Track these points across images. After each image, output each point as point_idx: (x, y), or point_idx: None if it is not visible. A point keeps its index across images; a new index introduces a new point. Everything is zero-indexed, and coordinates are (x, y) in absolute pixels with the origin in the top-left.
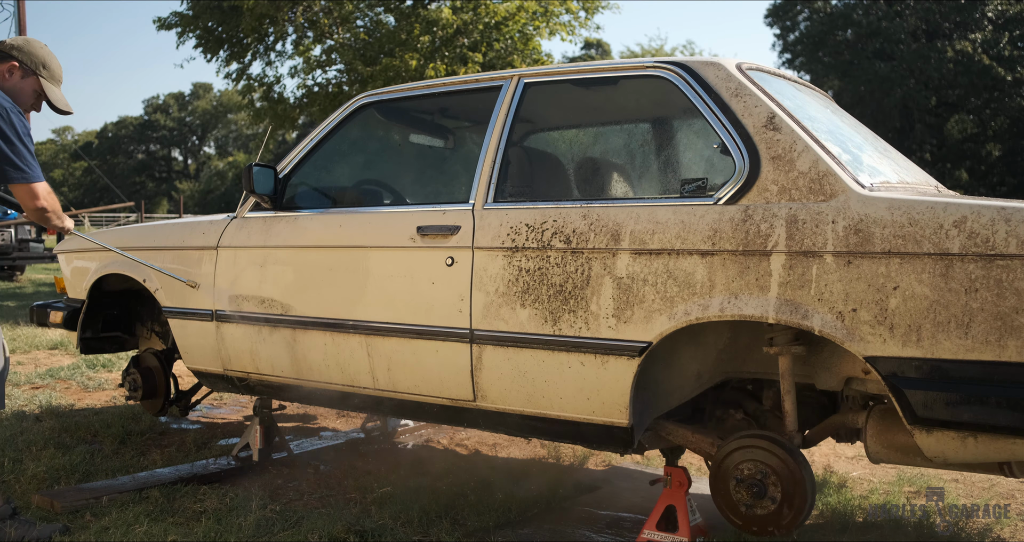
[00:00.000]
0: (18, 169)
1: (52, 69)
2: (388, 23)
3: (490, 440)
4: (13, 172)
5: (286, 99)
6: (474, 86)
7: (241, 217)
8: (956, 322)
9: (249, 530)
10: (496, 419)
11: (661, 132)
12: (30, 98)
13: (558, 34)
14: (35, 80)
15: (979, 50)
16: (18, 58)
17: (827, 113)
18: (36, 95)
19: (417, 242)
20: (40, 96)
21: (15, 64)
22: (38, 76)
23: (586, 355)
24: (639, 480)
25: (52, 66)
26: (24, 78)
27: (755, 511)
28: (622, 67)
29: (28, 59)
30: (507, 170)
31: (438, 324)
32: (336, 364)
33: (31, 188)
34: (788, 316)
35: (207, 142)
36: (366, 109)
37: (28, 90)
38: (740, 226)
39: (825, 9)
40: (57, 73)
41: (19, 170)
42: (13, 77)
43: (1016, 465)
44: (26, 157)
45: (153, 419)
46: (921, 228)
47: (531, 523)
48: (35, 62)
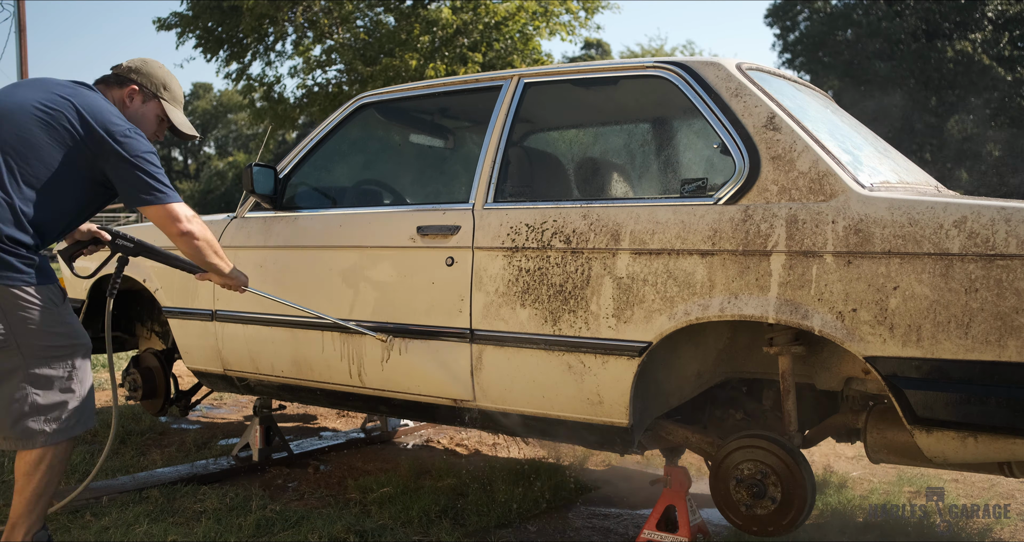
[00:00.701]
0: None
1: (173, 90)
2: (388, 23)
3: (490, 440)
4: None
5: (286, 99)
6: (474, 86)
7: (241, 217)
8: (956, 322)
9: (249, 530)
10: (496, 419)
11: (661, 132)
12: (153, 124)
13: (558, 34)
14: (157, 104)
15: (979, 50)
16: (138, 81)
17: (827, 113)
18: (159, 120)
19: (417, 242)
20: (163, 121)
21: (135, 88)
22: (159, 99)
23: (586, 355)
24: (639, 480)
25: (173, 87)
26: (145, 102)
27: (755, 511)
28: (622, 67)
29: (148, 81)
30: (507, 170)
31: (438, 324)
32: (336, 364)
33: (159, 210)
34: (788, 316)
35: (207, 142)
36: (366, 109)
37: (151, 115)
38: (740, 226)
39: (825, 9)
40: (178, 94)
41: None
42: (135, 102)
43: (1016, 465)
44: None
45: (153, 419)
46: (921, 228)
47: (531, 523)
48: (156, 84)
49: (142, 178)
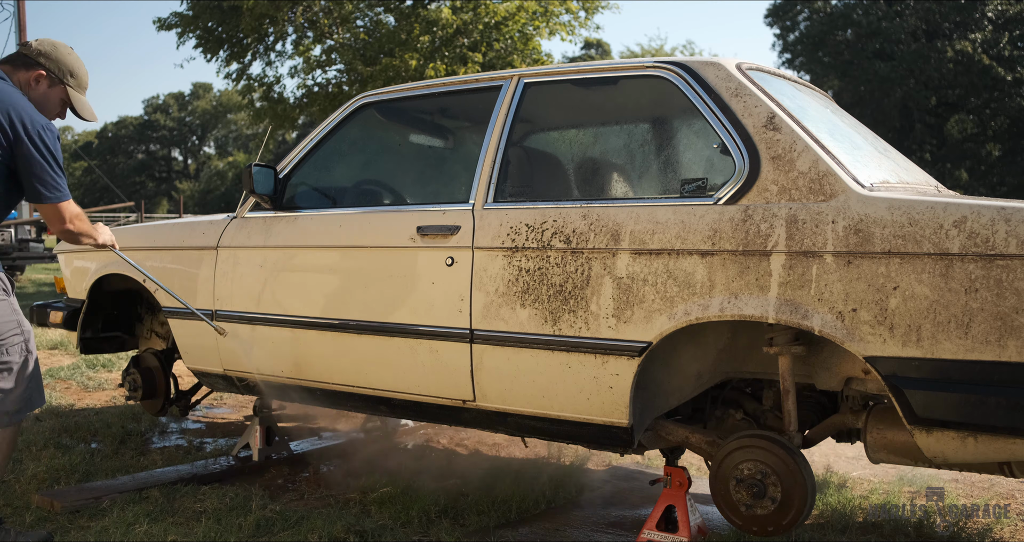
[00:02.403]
0: (50, 189)
1: (79, 77)
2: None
3: (490, 440)
4: (45, 191)
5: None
6: (474, 86)
7: (241, 217)
8: (956, 322)
9: (249, 530)
10: (496, 419)
11: (661, 132)
12: (56, 108)
13: (558, 34)
14: (62, 89)
15: (979, 50)
16: (45, 66)
17: (827, 113)
18: (62, 104)
19: (417, 242)
20: (65, 104)
21: (42, 73)
22: (65, 86)
23: (586, 355)
24: (639, 480)
25: (79, 73)
26: (51, 87)
27: (755, 511)
28: (622, 67)
29: (56, 67)
30: (507, 170)
31: (438, 324)
32: (336, 364)
33: (58, 209)
34: (788, 316)
35: (207, 142)
36: (366, 109)
37: (55, 99)
38: (740, 226)
39: (825, 9)
40: (84, 80)
41: (51, 190)
42: (40, 86)
43: (1016, 465)
44: (58, 177)
45: (153, 419)
46: (921, 228)
47: (531, 523)
48: (63, 70)
49: (45, 177)
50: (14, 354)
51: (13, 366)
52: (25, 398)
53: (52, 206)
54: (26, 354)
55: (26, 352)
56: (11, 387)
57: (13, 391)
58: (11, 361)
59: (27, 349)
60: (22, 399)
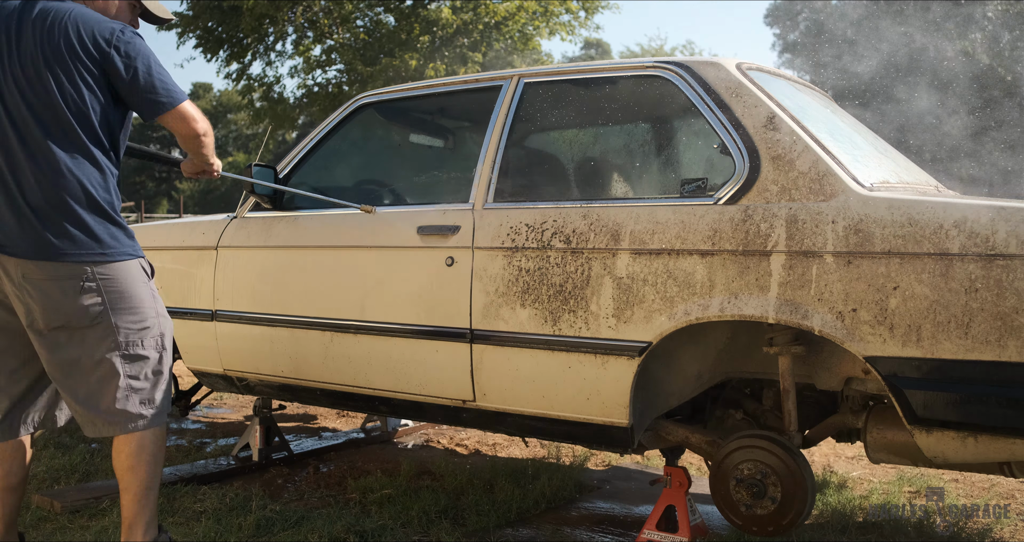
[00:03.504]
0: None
1: None
2: (388, 23)
3: (490, 440)
4: (157, 97)
5: (286, 99)
6: (474, 86)
7: (241, 217)
8: (956, 322)
9: (249, 530)
10: (496, 419)
11: (661, 132)
12: (127, 14)
13: (558, 34)
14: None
15: (979, 50)
16: None
17: (827, 113)
18: (131, 8)
19: (417, 242)
20: (134, 7)
21: None
22: None
23: (586, 355)
24: (639, 480)
25: None
26: None
27: (755, 511)
28: (622, 67)
29: None
30: (507, 170)
31: (438, 324)
32: (336, 364)
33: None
34: (788, 316)
35: None
36: (366, 109)
37: (123, 6)
38: (740, 226)
39: (825, 9)
40: None
41: (163, 93)
42: None
43: (1016, 465)
44: (164, 77)
45: None
46: (921, 228)
47: (531, 523)
48: None
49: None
50: (149, 349)
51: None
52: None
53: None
54: (161, 351)
55: (161, 348)
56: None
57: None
58: (147, 354)
59: (162, 345)
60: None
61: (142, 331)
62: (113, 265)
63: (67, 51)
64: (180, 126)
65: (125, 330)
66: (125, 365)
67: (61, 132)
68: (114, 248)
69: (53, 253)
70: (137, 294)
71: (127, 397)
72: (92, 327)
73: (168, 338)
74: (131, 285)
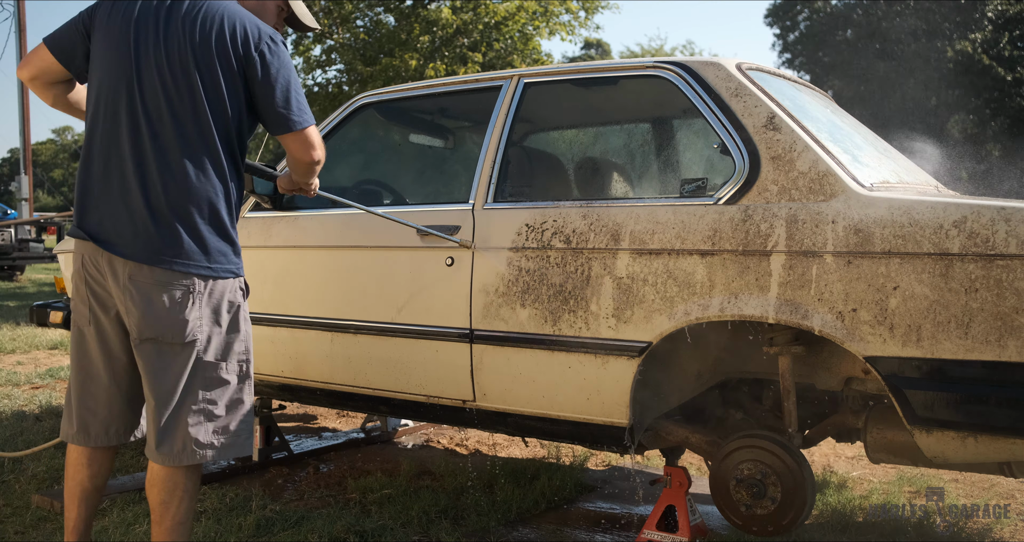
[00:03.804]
0: (295, 112)
1: None
2: (388, 23)
3: (490, 440)
4: (292, 116)
5: None
6: (474, 86)
7: (241, 217)
8: (956, 322)
9: (249, 530)
10: (496, 419)
11: (661, 132)
12: (273, 18)
13: (558, 34)
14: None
15: (979, 50)
16: None
17: (827, 113)
18: (279, 12)
19: (417, 242)
20: (282, 12)
21: None
22: None
23: (586, 355)
24: (639, 480)
25: None
26: None
27: (755, 511)
28: (622, 67)
29: None
30: (507, 170)
31: (438, 324)
32: (336, 364)
33: (308, 135)
34: (788, 316)
35: None
36: (366, 109)
37: (272, 8)
38: (740, 226)
39: (825, 9)
40: None
41: (298, 113)
42: None
43: (1016, 465)
44: (301, 96)
45: None
46: (921, 228)
47: (531, 523)
48: None
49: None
50: (231, 373)
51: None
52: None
53: (302, 132)
54: (245, 379)
55: (245, 376)
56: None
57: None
58: (228, 379)
59: (247, 372)
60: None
61: (228, 356)
62: (219, 282)
63: (216, 48)
64: (300, 149)
65: (214, 351)
66: (204, 391)
67: (198, 134)
68: (222, 264)
69: (164, 259)
70: (231, 316)
71: (199, 424)
72: (183, 345)
73: (252, 366)
74: (227, 305)
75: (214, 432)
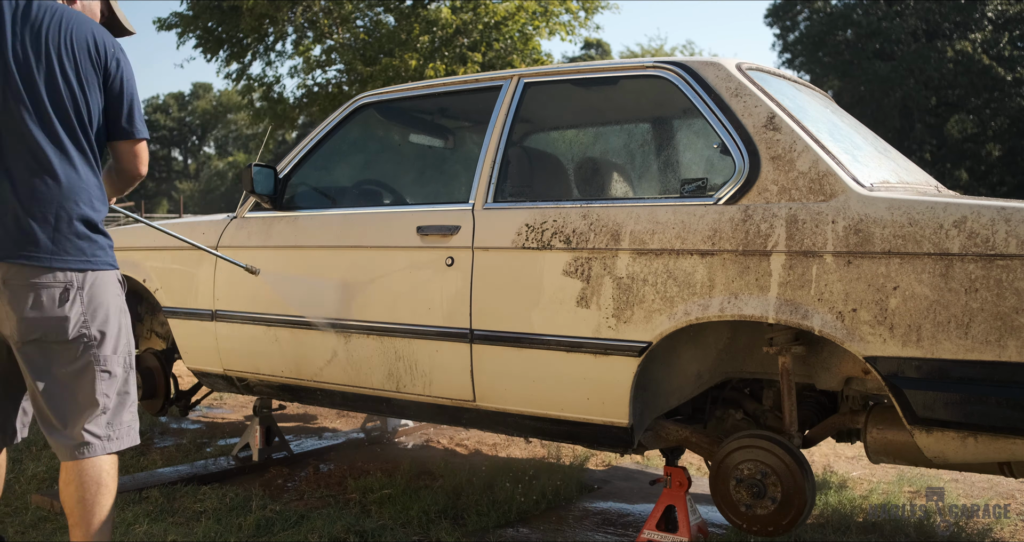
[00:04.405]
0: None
1: None
2: (388, 23)
3: (490, 440)
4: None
5: (286, 99)
6: (474, 86)
7: (241, 217)
8: (956, 322)
9: (249, 530)
10: (496, 419)
11: (661, 132)
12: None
13: (558, 34)
14: None
15: (979, 50)
16: None
17: (827, 113)
18: (101, 15)
19: (417, 242)
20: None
21: None
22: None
23: (586, 355)
24: (639, 480)
25: None
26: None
27: (755, 511)
28: (622, 67)
29: None
30: (507, 170)
31: (438, 324)
32: (336, 364)
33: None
34: (788, 316)
35: (207, 142)
36: (366, 109)
37: (96, 10)
38: (740, 226)
39: (825, 9)
40: None
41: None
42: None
43: (1016, 465)
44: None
45: (153, 419)
46: (921, 228)
47: (531, 523)
48: None
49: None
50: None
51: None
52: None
53: (142, 142)
54: (129, 370)
55: (129, 367)
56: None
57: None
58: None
59: (130, 364)
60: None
61: (114, 348)
62: (97, 274)
63: (78, 52)
64: (132, 160)
65: (98, 346)
66: (96, 383)
67: (66, 131)
68: (99, 257)
69: (38, 256)
70: (113, 308)
71: (94, 417)
72: (68, 342)
73: (133, 357)
74: (109, 298)
75: (107, 424)
